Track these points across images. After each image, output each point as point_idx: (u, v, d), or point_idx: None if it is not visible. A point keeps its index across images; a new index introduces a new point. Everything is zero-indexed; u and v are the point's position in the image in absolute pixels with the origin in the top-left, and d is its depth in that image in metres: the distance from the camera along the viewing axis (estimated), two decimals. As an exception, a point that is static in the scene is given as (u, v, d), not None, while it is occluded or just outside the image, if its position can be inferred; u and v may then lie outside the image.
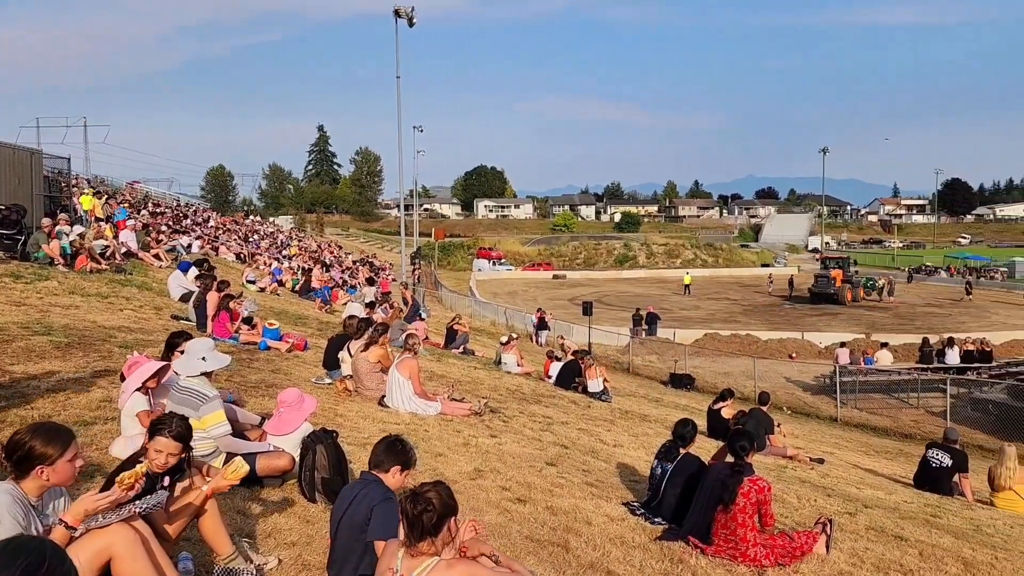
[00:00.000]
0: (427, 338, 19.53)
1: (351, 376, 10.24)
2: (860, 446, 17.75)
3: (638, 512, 6.64)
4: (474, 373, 15.23)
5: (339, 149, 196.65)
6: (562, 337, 28.74)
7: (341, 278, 33.34)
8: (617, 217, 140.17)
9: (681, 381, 24.18)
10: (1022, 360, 25.27)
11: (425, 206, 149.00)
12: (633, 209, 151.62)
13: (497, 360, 17.52)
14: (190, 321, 12.39)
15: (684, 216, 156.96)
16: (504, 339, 18.49)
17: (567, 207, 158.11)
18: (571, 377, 16.13)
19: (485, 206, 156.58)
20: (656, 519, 6.49)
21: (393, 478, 4.37)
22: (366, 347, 10.22)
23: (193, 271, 15.29)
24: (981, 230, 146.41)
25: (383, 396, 9.58)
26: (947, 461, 10.77)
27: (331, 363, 10.88)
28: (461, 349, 19.30)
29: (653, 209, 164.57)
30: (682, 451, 6.78)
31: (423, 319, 21.17)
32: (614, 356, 29.21)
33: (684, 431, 6.89)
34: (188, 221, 37.33)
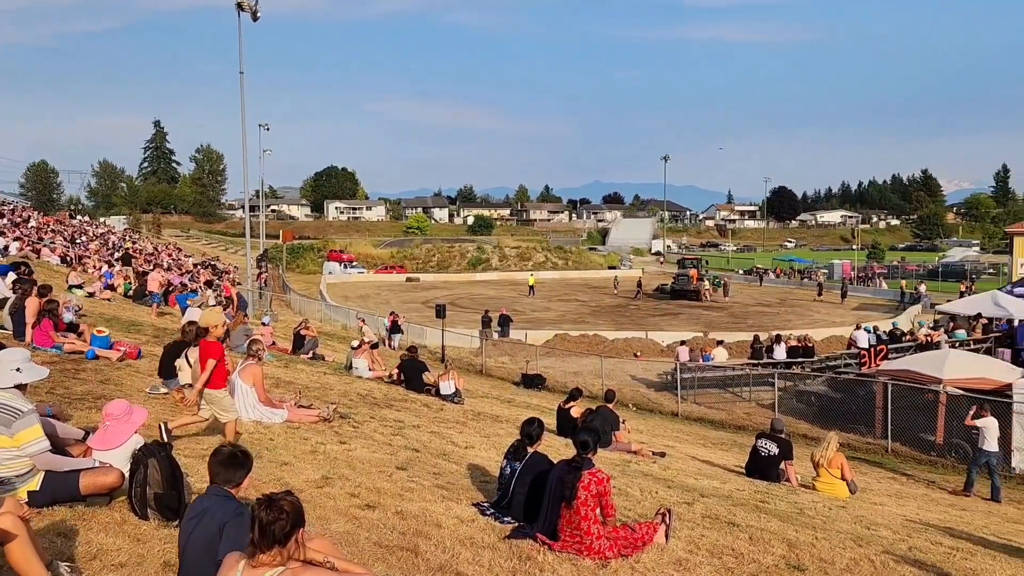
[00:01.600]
0: (274, 343, 18.89)
1: (190, 385, 9.72)
2: (699, 439, 18.73)
3: (488, 512, 6.68)
4: (323, 378, 14.86)
5: (178, 146, 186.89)
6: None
7: (180, 282, 31.63)
8: (470, 220, 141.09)
9: (532, 381, 24.61)
10: (840, 354, 27.47)
11: (272, 207, 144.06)
12: (486, 212, 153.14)
13: (348, 365, 17.17)
14: (5, 329, 11.37)
15: (535, 220, 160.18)
16: (355, 343, 18.15)
17: (420, 209, 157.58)
18: (417, 375, 16.11)
19: (336, 208, 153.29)
20: (506, 518, 6.56)
21: (244, 492, 4.22)
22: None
23: (11, 275, 14.04)
24: (804, 235, 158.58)
25: (225, 405, 9.15)
26: (774, 450, 11.56)
27: (167, 372, 10.29)
28: (310, 354, 18.80)
29: (505, 213, 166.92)
30: (530, 450, 6.89)
31: (267, 324, 20.43)
32: (467, 358, 29.35)
33: (531, 430, 7.01)
34: (5, 221, 34.24)
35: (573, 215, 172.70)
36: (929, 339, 27.58)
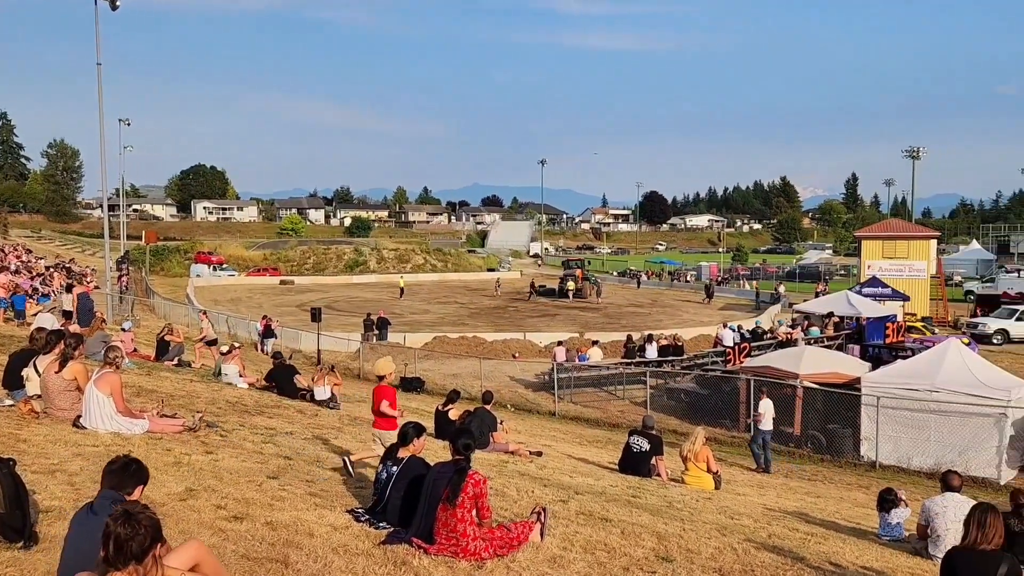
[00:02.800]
0: (135, 350, 17.92)
1: (39, 396, 9.07)
2: (575, 437, 19.12)
3: (363, 518, 6.56)
4: (190, 386, 14.20)
5: (28, 141, 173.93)
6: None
7: (31, 286, 29.47)
8: (348, 222, 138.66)
9: (412, 384, 24.44)
10: (707, 353, 28.71)
11: (134, 207, 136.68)
12: (364, 214, 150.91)
13: (217, 371, 16.48)
14: None
15: (414, 222, 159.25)
16: (225, 348, 17.44)
17: (295, 210, 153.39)
18: (289, 380, 15.70)
19: (204, 208, 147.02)
20: (382, 523, 6.46)
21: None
22: (59, 362, 9.09)
23: None
24: (675, 238, 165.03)
25: (79, 416, 8.59)
26: (646, 446, 11.95)
27: (13, 382, 9.56)
28: (175, 361, 17.92)
29: (384, 214, 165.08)
30: (402, 452, 6.82)
31: (127, 330, 19.33)
32: (345, 362, 28.80)
33: (405, 429, 6.95)
34: None
35: (452, 217, 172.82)
36: (788, 337, 29.23)
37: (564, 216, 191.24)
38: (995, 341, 34.71)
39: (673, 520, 8.06)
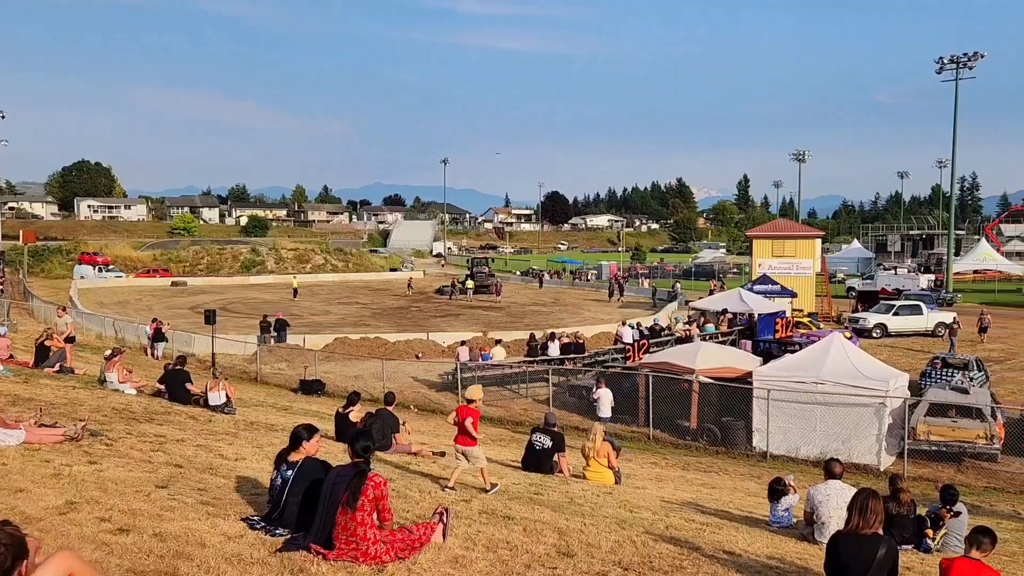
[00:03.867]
0: (11, 357, 16.88)
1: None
2: (480, 436, 19.10)
3: (258, 526, 6.35)
4: (72, 393, 13.45)
5: None
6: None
7: None
8: (244, 221, 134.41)
9: (312, 387, 23.92)
10: (607, 350, 29.22)
11: (10, 204, 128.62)
12: (261, 213, 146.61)
13: (102, 378, 15.67)
14: None
15: (314, 221, 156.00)
16: (108, 353, 16.60)
17: (187, 209, 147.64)
18: (181, 386, 15.12)
19: (89, 206, 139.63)
20: (278, 531, 6.27)
21: None
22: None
23: None
24: (576, 237, 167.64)
25: (-55, 428, 7.99)
26: (548, 443, 12.06)
27: None
28: (57, 367, 16.95)
29: (282, 213, 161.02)
30: (293, 456, 6.63)
31: (1, 335, 18.16)
32: (241, 366, 27.93)
33: (297, 431, 6.74)
34: None
35: (353, 216, 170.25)
36: (685, 333, 30.11)
37: (467, 216, 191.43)
38: (875, 335, 36.72)
39: (574, 516, 8.16)
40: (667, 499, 10.90)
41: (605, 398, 18.32)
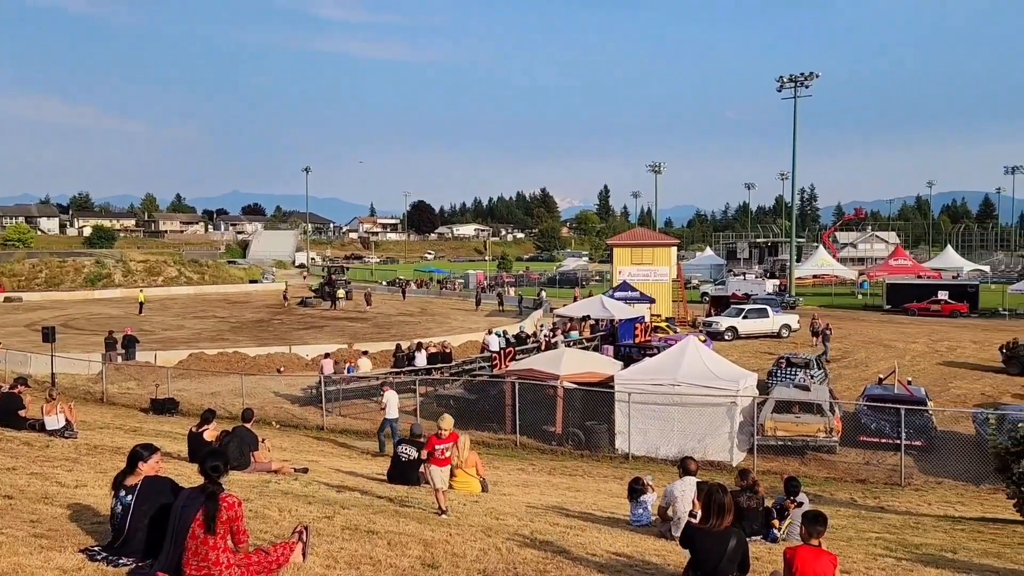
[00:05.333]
0: None
1: None
2: (344, 451, 18.71)
3: (99, 557, 5.92)
4: None
5: None
6: None
7: None
8: (87, 231, 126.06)
9: (164, 406, 22.66)
10: (474, 358, 29.33)
11: None
12: (107, 223, 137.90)
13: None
14: None
15: (166, 231, 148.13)
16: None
17: (22, 219, 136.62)
18: (11, 411, 13.97)
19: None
20: (122, 560, 5.87)
21: None
22: None
23: None
24: (443, 247, 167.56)
25: None
26: (414, 454, 11.95)
27: None
28: None
29: (131, 223, 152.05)
30: (131, 479, 6.23)
31: None
32: (85, 386, 26.08)
33: (133, 452, 6.33)
34: None
35: (210, 226, 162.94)
36: (549, 340, 30.65)
37: (331, 225, 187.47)
38: (727, 337, 38.70)
39: (440, 526, 8.10)
40: (533, 504, 11.02)
41: (392, 400, 18.59)
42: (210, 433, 12.46)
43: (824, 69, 68.04)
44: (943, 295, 52.27)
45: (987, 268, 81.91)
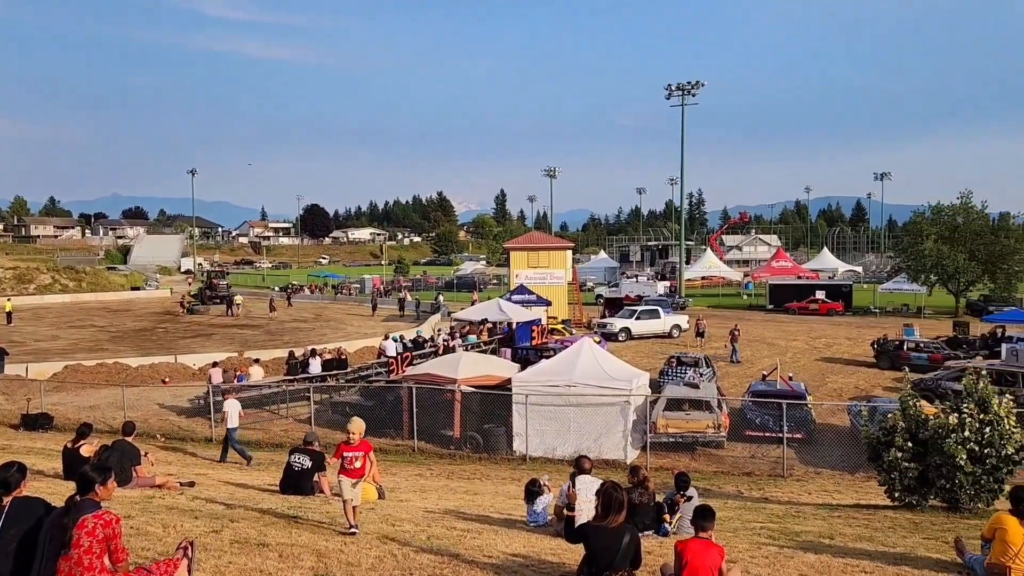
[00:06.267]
0: None
1: None
2: (235, 462, 18.08)
3: (-40, 586, 5.50)
4: None
5: None
6: None
7: None
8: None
9: (36, 422, 21.33)
10: (371, 364, 28.94)
11: None
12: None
13: None
14: None
15: (39, 236, 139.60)
16: None
17: None
18: None
19: None
20: (-13, 588, 5.47)
21: None
22: None
23: None
24: (338, 251, 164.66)
25: None
26: (307, 463, 11.66)
27: None
28: None
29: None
30: (6, 500, 5.82)
31: None
32: (-54, 403, 24.27)
33: (6, 476, 5.87)
34: None
35: (87, 231, 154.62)
36: (447, 344, 30.58)
37: (219, 230, 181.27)
38: (620, 338, 39.60)
39: (335, 536, 7.94)
40: (430, 509, 10.95)
41: (232, 410, 18.20)
42: (87, 448, 11.80)
43: (711, 78, 70.78)
44: (820, 295, 55.20)
45: (860, 269, 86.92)
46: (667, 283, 71.53)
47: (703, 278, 79.89)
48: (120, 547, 5.38)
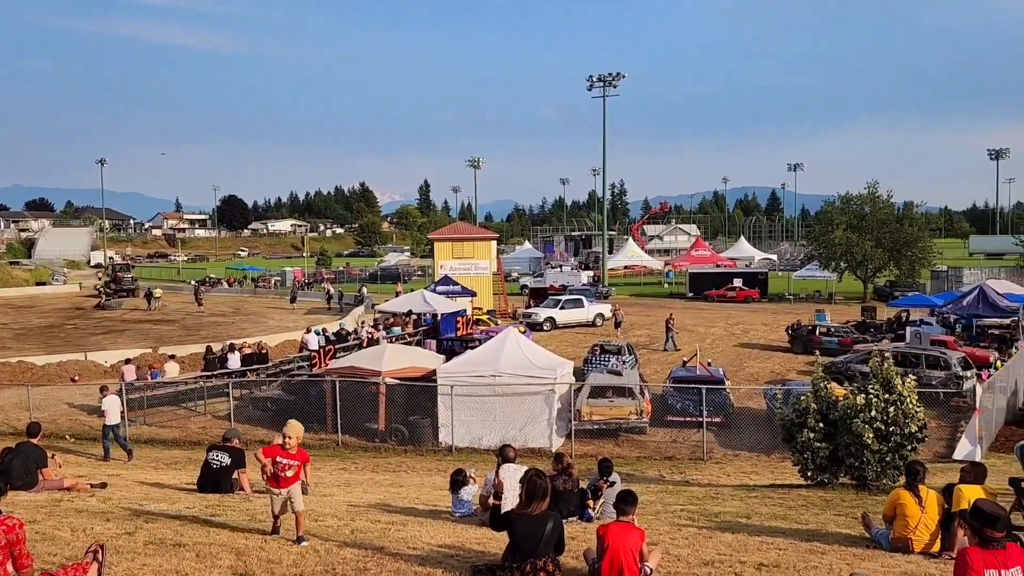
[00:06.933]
0: None
1: None
2: (150, 461, 17.54)
3: None
4: None
5: None
6: None
7: None
8: None
9: (-68, 426, 20.20)
10: (292, 358, 28.39)
11: None
12: None
13: None
14: None
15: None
16: None
17: None
18: None
19: None
20: None
21: None
22: None
23: None
24: (257, 243, 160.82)
25: None
26: (226, 460, 11.37)
27: None
28: None
29: None
30: None
31: None
32: None
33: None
34: None
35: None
36: (372, 336, 30.25)
37: (131, 222, 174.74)
38: (545, 328, 39.90)
39: (254, 534, 7.77)
40: (355, 503, 10.82)
41: (112, 406, 17.76)
42: (-17, 452, 11.24)
43: (632, 70, 71.63)
44: (738, 282, 56.84)
45: (775, 257, 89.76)
46: (591, 273, 72.40)
47: (626, 267, 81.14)
48: (24, 553, 5.15)
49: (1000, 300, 31.12)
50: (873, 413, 12.33)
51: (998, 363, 24.35)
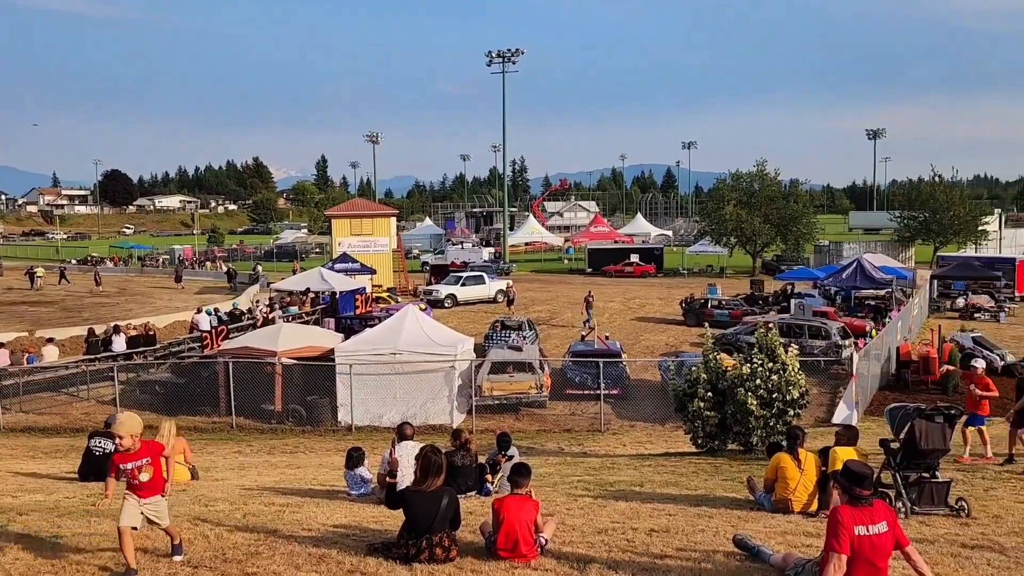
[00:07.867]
0: None
1: None
2: (27, 450, 16.64)
3: None
4: None
5: None
6: None
7: None
8: None
9: None
10: (183, 339, 27.37)
11: None
12: None
13: None
14: None
15: None
16: None
17: None
18: None
19: None
20: None
21: None
22: None
23: None
24: (144, 220, 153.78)
25: None
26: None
27: None
28: None
29: None
30: None
31: None
32: None
33: None
34: None
35: None
36: (267, 316, 29.46)
37: (3, 197, 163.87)
38: (446, 305, 39.80)
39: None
40: (248, 487, 10.56)
41: None
42: None
43: (530, 47, 71.79)
44: (635, 258, 58.20)
45: (670, 233, 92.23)
46: (492, 249, 72.65)
47: (527, 244, 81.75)
48: None
49: (876, 273, 33.00)
50: (757, 382, 12.89)
51: (873, 332, 25.82)
